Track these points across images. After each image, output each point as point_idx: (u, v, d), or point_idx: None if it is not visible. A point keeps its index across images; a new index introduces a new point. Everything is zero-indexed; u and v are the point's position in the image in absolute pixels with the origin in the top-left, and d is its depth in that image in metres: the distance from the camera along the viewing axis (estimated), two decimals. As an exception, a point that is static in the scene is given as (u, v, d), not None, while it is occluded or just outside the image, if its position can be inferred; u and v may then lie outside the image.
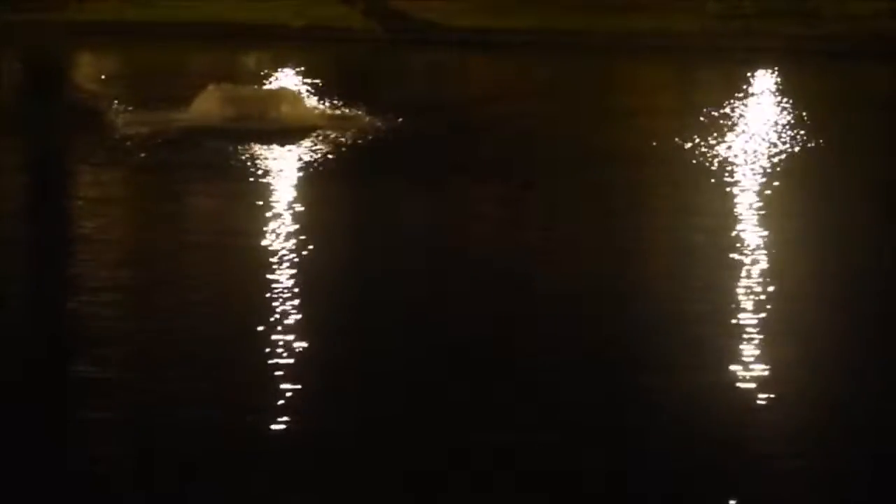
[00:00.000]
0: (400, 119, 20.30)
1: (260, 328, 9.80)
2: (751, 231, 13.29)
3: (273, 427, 7.97)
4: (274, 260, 11.84)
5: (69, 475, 7.34)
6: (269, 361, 9.08)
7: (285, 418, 8.11)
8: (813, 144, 18.89)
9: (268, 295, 10.66)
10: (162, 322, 10.22)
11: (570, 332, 10.01)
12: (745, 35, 34.88)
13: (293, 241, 12.62)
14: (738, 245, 12.59)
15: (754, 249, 12.43)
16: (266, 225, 13.30)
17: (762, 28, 35.47)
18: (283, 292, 10.76)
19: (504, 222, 14.19)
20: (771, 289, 11.05)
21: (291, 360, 9.12)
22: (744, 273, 11.56)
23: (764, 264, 11.91)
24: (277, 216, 13.78)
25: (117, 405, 8.33)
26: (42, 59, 33.37)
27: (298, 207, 14.34)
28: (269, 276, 11.26)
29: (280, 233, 12.96)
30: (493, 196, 15.55)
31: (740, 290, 11.00)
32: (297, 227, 13.30)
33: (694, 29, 35.78)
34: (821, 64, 31.51)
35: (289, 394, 8.50)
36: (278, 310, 10.26)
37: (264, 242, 12.53)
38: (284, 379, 8.75)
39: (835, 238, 13.31)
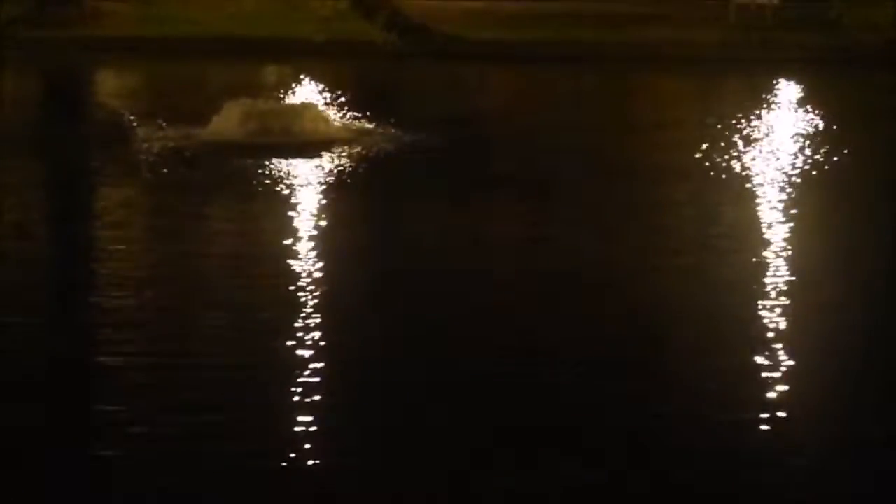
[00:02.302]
0: (421, 132, 20.23)
1: (282, 345, 9.71)
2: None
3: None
4: (296, 275, 11.77)
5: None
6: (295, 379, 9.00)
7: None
8: (838, 155, 18.74)
9: (291, 311, 10.57)
10: (178, 339, 10.15)
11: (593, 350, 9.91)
12: (765, 45, 34.77)
13: (315, 256, 12.56)
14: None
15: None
16: (287, 240, 13.23)
17: (783, 38, 35.35)
18: (304, 308, 10.68)
19: (528, 239, 14.02)
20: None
21: (316, 379, 9.05)
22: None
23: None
24: (299, 231, 13.72)
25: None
26: (60, 76, 33.40)
27: (320, 222, 14.28)
28: (291, 291, 11.18)
29: (302, 248, 12.89)
30: (516, 212, 15.46)
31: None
32: (318, 242, 13.24)
33: (714, 39, 35.68)
34: (842, 73, 31.36)
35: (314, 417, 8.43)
36: (301, 327, 10.17)
37: (286, 257, 12.45)
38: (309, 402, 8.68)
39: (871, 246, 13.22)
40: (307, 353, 9.53)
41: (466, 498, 7.27)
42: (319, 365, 9.30)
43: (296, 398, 8.65)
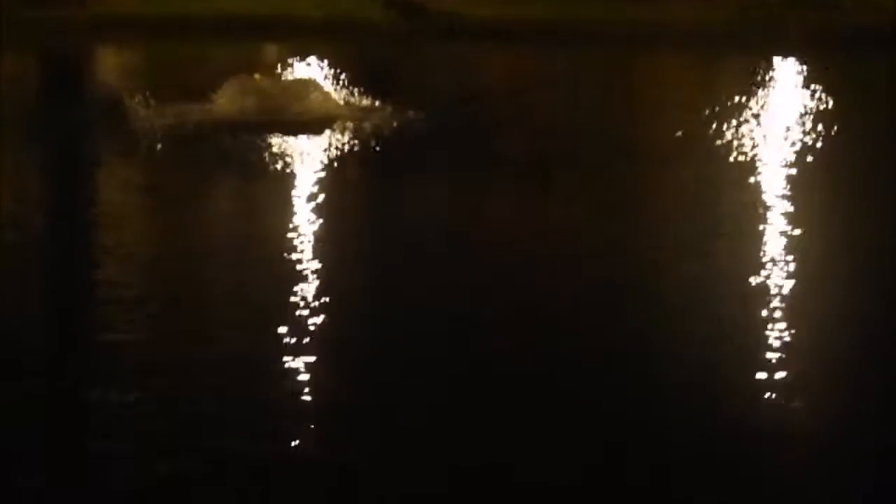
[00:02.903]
0: (421, 110, 20.17)
1: (286, 326, 9.69)
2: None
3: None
4: (297, 254, 11.74)
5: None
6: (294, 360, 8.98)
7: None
8: (843, 136, 18.70)
9: (292, 290, 10.55)
10: (182, 320, 10.13)
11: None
12: (768, 25, 34.69)
13: (316, 235, 12.53)
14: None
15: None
16: (288, 218, 13.21)
17: (786, 17, 35.26)
18: (308, 288, 10.66)
19: (529, 217, 13.97)
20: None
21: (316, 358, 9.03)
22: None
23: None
24: (299, 209, 13.69)
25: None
26: (62, 54, 33.33)
27: (321, 200, 14.24)
28: (294, 271, 11.15)
29: (303, 226, 12.86)
30: (517, 190, 15.40)
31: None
32: (319, 220, 13.20)
33: (717, 18, 35.61)
34: (844, 53, 31.27)
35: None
36: (303, 307, 10.15)
37: (287, 236, 12.42)
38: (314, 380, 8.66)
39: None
40: (307, 334, 9.51)
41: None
42: (319, 349, 9.25)
43: (295, 381, 8.63)
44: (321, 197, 14.40)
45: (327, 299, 10.32)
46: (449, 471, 7.29)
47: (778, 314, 10.01)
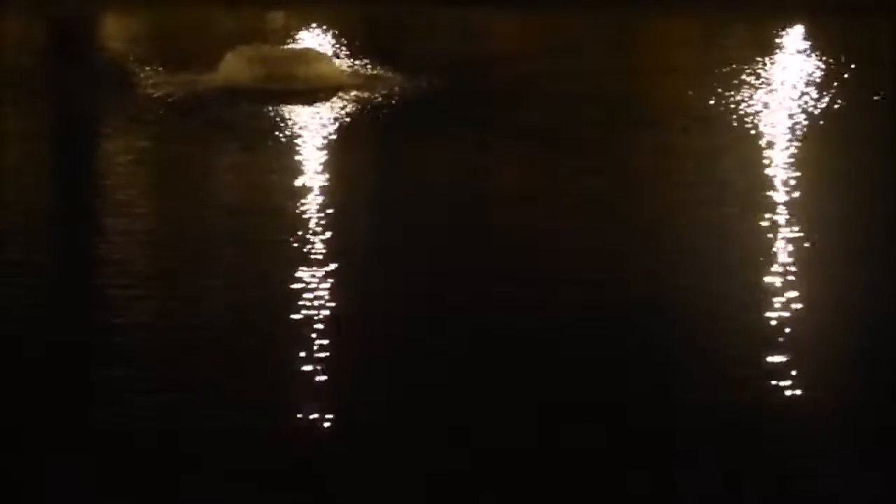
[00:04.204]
0: (428, 77, 20.12)
1: (293, 289, 9.71)
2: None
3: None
4: (304, 221, 11.74)
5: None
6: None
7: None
8: (846, 101, 18.65)
9: (298, 260, 10.56)
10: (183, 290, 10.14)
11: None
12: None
13: (324, 202, 12.52)
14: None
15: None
16: (297, 187, 13.20)
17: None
18: (311, 260, 10.67)
19: (534, 185, 13.96)
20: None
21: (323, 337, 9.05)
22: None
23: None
24: (306, 177, 13.69)
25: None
26: (66, 21, 33.22)
27: (329, 168, 14.24)
28: (299, 241, 11.15)
29: (310, 194, 12.85)
30: (524, 157, 15.37)
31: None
32: (327, 187, 13.20)
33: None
34: (847, 19, 31.13)
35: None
36: (309, 278, 10.16)
37: (293, 204, 12.41)
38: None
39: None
40: (316, 307, 9.52)
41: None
42: (329, 325, 9.24)
43: (306, 355, 8.66)
44: (328, 165, 14.40)
45: (334, 267, 10.33)
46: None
47: (789, 294, 10.02)
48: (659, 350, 8.66)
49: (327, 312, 9.31)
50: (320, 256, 10.63)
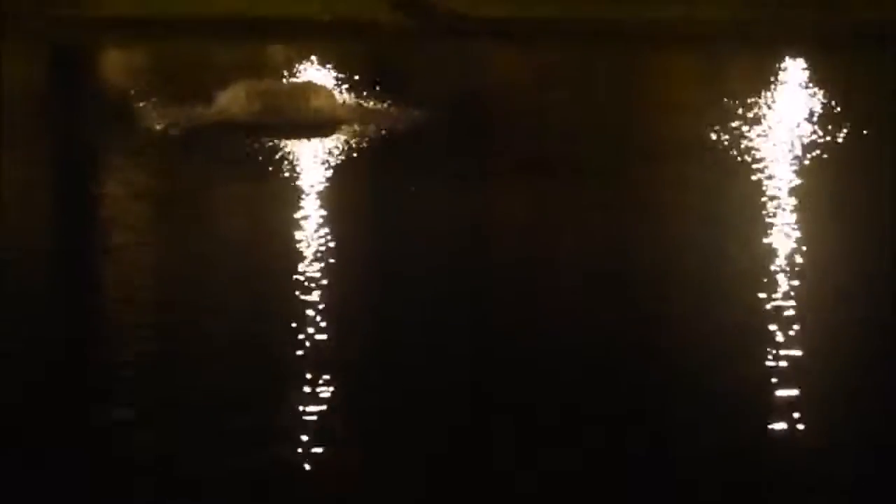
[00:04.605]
0: (427, 111, 20.13)
1: (288, 324, 9.66)
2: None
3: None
4: (303, 254, 11.70)
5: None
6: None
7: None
8: (850, 134, 18.63)
9: (297, 296, 10.51)
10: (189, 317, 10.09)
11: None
12: (774, 23, 34.64)
13: (323, 236, 12.48)
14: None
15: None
16: (293, 220, 13.16)
17: (791, 15, 35.22)
18: (308, 290, 10.63)
19: (539, 218, 13.90)
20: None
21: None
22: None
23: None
24: (306, 211, 13.65)
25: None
26: (67, 55, 33.33)
27: (329, 202, 14.20)
28: (299, 271, 11.11)
29: (309, 228, 12.82)
30: (523, 189, 15.33)
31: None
32: (326, 221, 13.16)
33: (723, 17, 35.56)
34: (849, 51, 31.24)
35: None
36: (307, 308, 10.12)
37: (292, 238, 12.37)
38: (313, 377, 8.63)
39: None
40: (316, 342, 9.47)
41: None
42: (330, 357, 9.22)
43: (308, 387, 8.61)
44: (327, 199, 14.36)
45: (332, 302, 10.28)
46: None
47: (794, 326, 9.97)
48: (659, 392, 8.58)
49: (327, 347, 9.25)
50: (319, 290, 10.58)
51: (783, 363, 8.91)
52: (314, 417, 7.98)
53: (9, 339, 9.57)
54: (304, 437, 7.69)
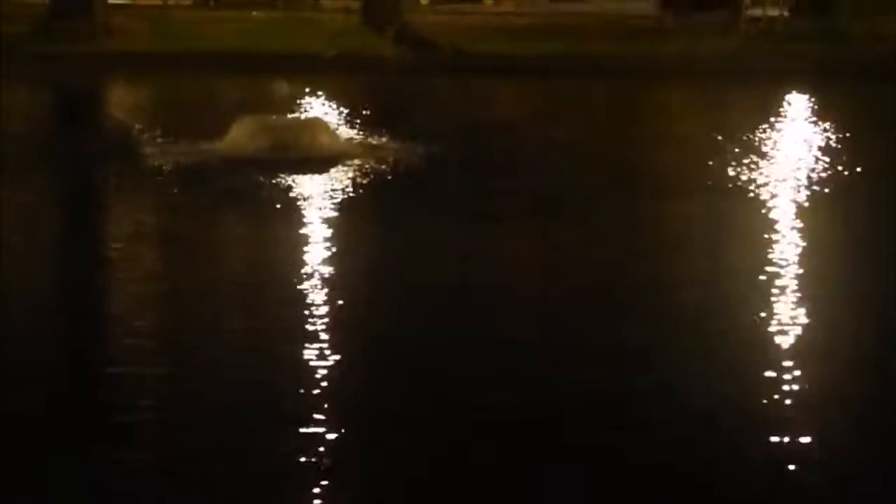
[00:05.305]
0: (432, 147, 20.19)
1: (297, 365, 9.70)
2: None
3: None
4: (306, 291, 11.73)
5: None
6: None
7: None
8: (853, 169, 18.69)
9: (300, 333, 10.53)
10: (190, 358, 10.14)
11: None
12: (776, 57, 34.76)
13: (326, 273, 12.52)
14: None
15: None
16: (297, 256, 13.20)
17: (793, 50, 35.36)
18: (314, 326, 10.67)
19: (543, 258, 13.92)
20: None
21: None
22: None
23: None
24: (310, 247, 13.69)
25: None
26: (71, 91, 33.45)
27: (333, 238, 14.24)
28: (302, 313, 11.12)
29: (312, 264, 12.86)
30: (525, 227, 15.37)
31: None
32: (329, 258, 13.21)
33: (725, 51, 35.71)
34: (851, 85, 31.33)
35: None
36: (313, 351, 10.15)
37: (295, 274, 12.40)
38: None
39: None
40: (320, 383, 9.51)
41: None
42: (332, 391, 9.26)
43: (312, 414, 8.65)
44: (333, 235, 14.41)
45: (333, 339, 10.31)
46: None
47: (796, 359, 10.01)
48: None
49: (330, 387, 9.27)
50: (323, 328, 10.61)
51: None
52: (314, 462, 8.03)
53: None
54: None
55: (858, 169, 18.67)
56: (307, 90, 29.18)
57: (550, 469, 7.78)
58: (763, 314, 10.98)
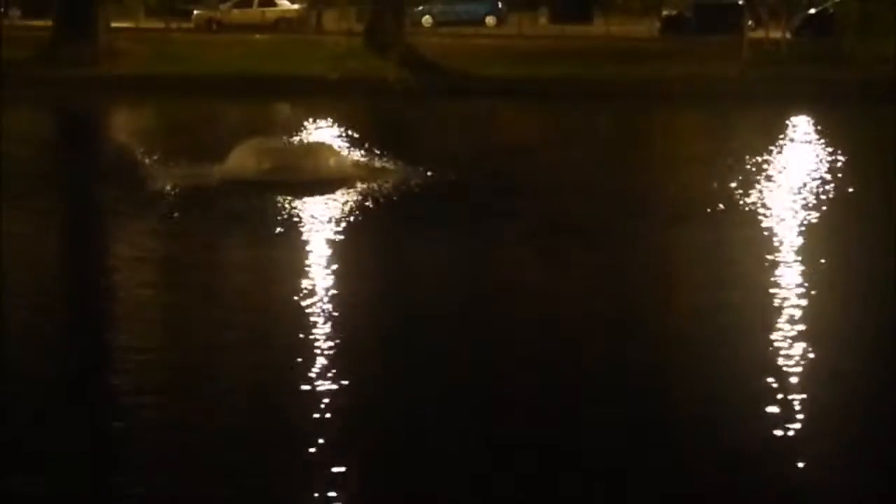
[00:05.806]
0: (435, 169, 20.17)
1: (304, 389, 9.66)
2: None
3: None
4: (312, 318, 11.68)
5: None
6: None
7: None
8: (861, 191, 18.68)
9: (307, 356, 10.51)
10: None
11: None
12: (778, 79, 34.81)
13: (331, 295, 12.49)
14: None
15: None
16: (302, 280, 13.17)
17: (795, 72, 35.41)
18: (321, 347, 10.63)
19: (549, 280, 13.86)
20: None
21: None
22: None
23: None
24: (314, 270, 13.67)
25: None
26: (76, 114, 33.49)
27: (337, 260, 14.22)
28: (308, 336, 11.09)
29: (317, 287, 12.83)
30: (531, 249, 15.30)
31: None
32: (334, 282, 13.17)
33: (729, 74, 35.75)
34: (854, 106, 31.32)
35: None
36: (319, 374, 10.12)
37: (300, 296, 12.37)
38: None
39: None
40: (327, 406, 9.47)
41: None
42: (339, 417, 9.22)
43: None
44: (335, 258, 14.38)
45: (343, 362, 10.28)
46: None
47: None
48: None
49: (337, 411, 9.24)
50: (330, 352, 10.58)
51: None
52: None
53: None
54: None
55: (866, 191, 18.65)
56: (309, 113, 29.17)
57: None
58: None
